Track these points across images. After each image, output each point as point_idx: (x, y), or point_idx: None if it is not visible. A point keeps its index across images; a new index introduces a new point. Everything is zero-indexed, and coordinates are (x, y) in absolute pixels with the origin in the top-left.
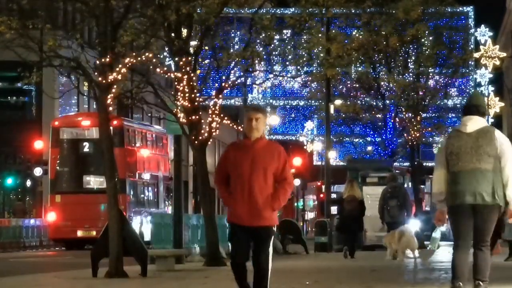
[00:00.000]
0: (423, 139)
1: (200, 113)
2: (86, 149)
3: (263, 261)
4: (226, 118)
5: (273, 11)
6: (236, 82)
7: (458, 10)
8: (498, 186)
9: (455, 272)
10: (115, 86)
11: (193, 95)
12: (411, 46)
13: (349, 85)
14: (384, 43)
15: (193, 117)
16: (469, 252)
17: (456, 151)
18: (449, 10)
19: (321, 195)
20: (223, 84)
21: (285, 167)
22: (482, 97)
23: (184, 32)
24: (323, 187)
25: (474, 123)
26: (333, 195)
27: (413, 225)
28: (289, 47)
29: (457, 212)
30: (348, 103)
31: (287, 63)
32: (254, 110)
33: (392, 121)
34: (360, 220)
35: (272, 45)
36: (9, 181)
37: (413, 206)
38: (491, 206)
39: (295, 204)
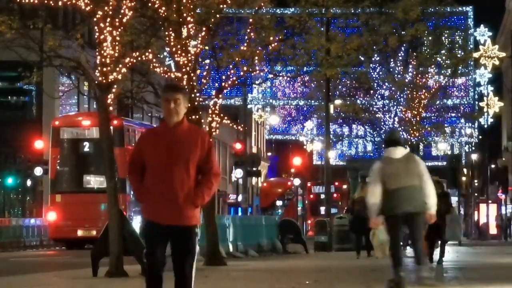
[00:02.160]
0: (423, 139)
1: (200, 113)
2: (86, 149)
3: (186, 268)
4: (226, 118)
5: (273, 11)
6: (236, 82)
7: (457, 10)
8: (423, 197)
9: (395, 262)
10: (115, 86)
11: (193, 95)
12: (410, 46)
13: (348, 85)
14: (384, 43)
15: (193, 117)
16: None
17: (391, 173)
18: (449, 10)
19: (311, 196)
20: (223, 84)
21: (210, 155)
22: (398, 132)
23: (184, 32)
24: (313, 187)
25: (400, 152)
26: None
27: None
28: (289, 47)
29: (396, 220)
30: (348, 103)
31: (287, 63)
32: (172, 90)
33: (392, 121)
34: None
35: (272, 45)
36: (10, 180)
37: None
38: (422, 213)
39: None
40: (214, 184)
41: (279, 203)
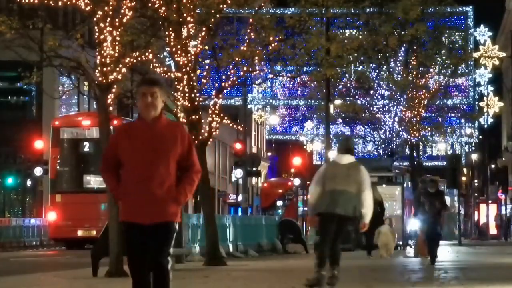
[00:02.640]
0: (423, 139)
1: (200, 113)
2: (86, 149)
3: (164, 262)
4: (226, 118)
5: (273, 11)
6: (236, 82)
7: (457, 10)
8: (358, 204)
9: (320, 261)
10: (115, 86)
11: (193, 95)
12: (410, 46)
13: (348, 85)
14: (384, 43)
15: (193, 117)
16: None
17: (331, 176)
18: (449, 10)
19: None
20: (223, 84)
21: (191, 151)
22: (351, 140)
23: (184, 32)
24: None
25: (347, 159)
26: None
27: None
28: (289, 47)
29: (327, 218)
30: (348, 103)
31: (287, 63)
32: (148, 83)
33: (392, 121)
34: (379, 220)
35: (272, 45)
36: (10, 180)
37: (412, 206)
38: (351, 217)
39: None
40: (195, 181)
41: (279, 203)
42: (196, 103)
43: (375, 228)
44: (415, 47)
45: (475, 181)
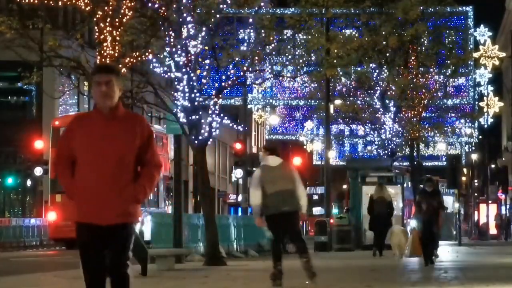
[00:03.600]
0: (423, 139)
1: (200, 113)
2: None
3: (122, 268)
4: (226, 118)
5: (273, 11)
6: (236, 82)
7: (457, 10)
8: (297, 198)
9: (276, 257)
10: None
11: (193, 95)
12: (410, 45)
13: (348, 85)
14: (384, 43)
15: (193, 117)
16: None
17: (269, 179)
18: (449, 10)
19: None
20: (223, 84)
21: (151, 144)
22: (275, 141)
23: (184, 32)
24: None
25: (275, 160)
26: (315, 197)
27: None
28: (289, 47)
29: (275, 218)
30: (348, 103)
31: (287, 63)
32: (103, 71)
33: (392, 121)
34: (389, 220)
35: (272, 45)
36: (10, 180)
37: (413, 206)
38: (297, 212)
39: None
40: (156, 177)
41: None
42: (196, 103)
43: (385, 228)
44: (415, 47)
45: (475, 181)
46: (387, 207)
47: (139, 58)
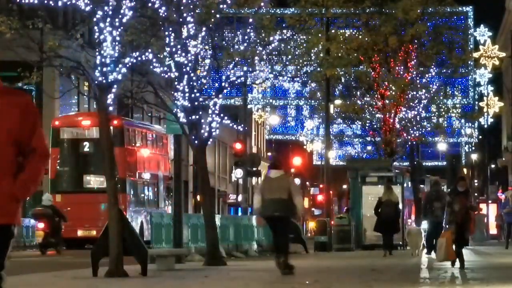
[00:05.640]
0: (423, 139)
1: (200, 113)
2: (86, 149)
3: None
4: (226, 118)
5: (273, 11)
6: (236, 82)
7: (457, 10)
8: (291, 206)
9: (276, 249)
10: (115, 86)
11: (193, 95)
12: (410, 45)
13: (347, 85)
14: (384, 43)
15: (193, 117)
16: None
17: (268, 188)
18: (449, 10)
19: None
20: (223, 84)
21: (36, 129)
22: (279, 157)
23: (184, 32)
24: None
25: (276, 173)
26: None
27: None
28: (288, 47)
29: (270, 219)
30: (348, 103)
31: (287, 63)
32: None
33: (392, 121)
34: (397, 221)
35: (272, 45)
36: None
37: (412, 205)
38: (286, 217)
39: None
40: (41, 169)
41: None
42: (196, 103)
43: (393, 229)
44: (415, 47)
45: (475, 181)
46: (395, 209)
47: (139, 58)
